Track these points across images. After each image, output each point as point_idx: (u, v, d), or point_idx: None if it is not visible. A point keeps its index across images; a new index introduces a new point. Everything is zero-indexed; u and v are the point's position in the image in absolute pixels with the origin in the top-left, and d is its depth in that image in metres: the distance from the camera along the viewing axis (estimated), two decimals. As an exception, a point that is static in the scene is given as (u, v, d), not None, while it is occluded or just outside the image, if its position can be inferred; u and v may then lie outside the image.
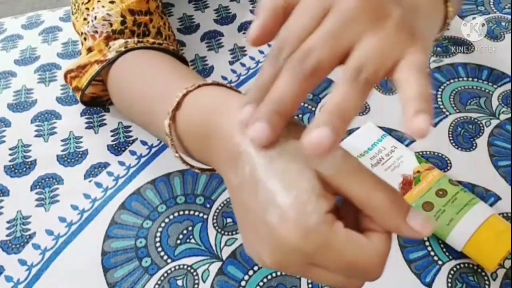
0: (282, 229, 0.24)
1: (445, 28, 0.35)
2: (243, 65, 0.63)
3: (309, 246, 0.24)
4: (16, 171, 0.53)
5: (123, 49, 0.50)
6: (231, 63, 0.63)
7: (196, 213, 0.48)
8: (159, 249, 0.46)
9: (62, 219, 0.49)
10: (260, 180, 0.26)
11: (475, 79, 0.58)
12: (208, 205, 0.49)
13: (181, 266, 0.45)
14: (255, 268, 0.44)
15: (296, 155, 0.26)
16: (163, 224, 0.48)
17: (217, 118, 0.31)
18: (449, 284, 0.42)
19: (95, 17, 0.52)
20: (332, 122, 0.23)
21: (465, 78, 0.59)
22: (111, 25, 0.51)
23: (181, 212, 0.49)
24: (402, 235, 0.26)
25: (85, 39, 0.53)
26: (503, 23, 0.65)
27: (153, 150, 0.54)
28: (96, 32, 0.52)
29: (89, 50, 0.52)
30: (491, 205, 0.47)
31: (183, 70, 0.46)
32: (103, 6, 0.52)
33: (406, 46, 0.25)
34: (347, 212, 0.27)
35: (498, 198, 0.47)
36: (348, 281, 0.26)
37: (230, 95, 0.34)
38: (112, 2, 0.52)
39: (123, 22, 0.52)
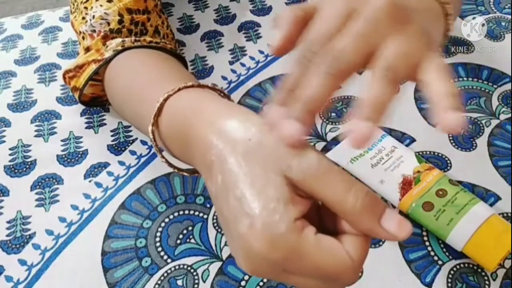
0: (251, 238, 0.25)
1: (445, 40, 0.36)
2: (243, 65, 0.63)
3: (277, 255, 0.24)
4: (16, 171, 0.53)
5: (120, 48, 0.50)
6: (231, 63, 0.63)
7: (196, 213, 0.48)
8: (159, 249, 0.46)
9: (62, 219, 0.49)
10: (230, 189, 0.26)
11: (475, 79, 0.58)
12: (208, 205, 0.49)
13: (181, 266, 0.45)
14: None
15: (265, 162, 0.26)
16: (163, 224, 0.48)
17: (193, 122, 0.31)
18: (449, 284, 0.42)
19: (93, 16, 0.52)
20: (372, 117, 0.25)
21: (465, 78, 0.59)
22: (108, 24, 0.51)
23: (181, 212, 0.49)
24: (378, 237, 0.25)
25: (83, 38, 0.53)
26: (503, 23, 0.65)
27: (153, 150, 0.54)
28: (94, 31, 0.52)
29: (87, 49, 0.52)
30: (491, 205, 0.47)
31: (174, 70, 0.46)
32: (101, 5, 0.52)
33: (426, 50, 0.27)
34: (326, 212, 0.27)
35: (498, 198, 0.47)
36: (326, 285, 0.26)
37: (208, 98, 0.33)
38: (110, 1, 0.52)
39: (120, 21, 0.52)
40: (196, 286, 0.44)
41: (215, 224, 0.48)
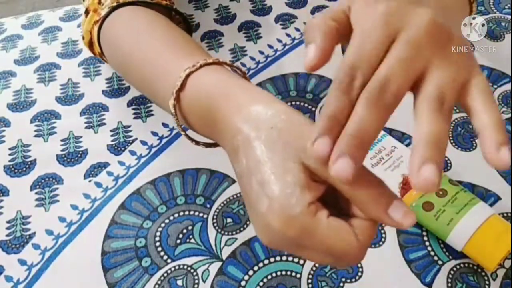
0: (269, 217, 0.27)
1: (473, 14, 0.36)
2: (243, 65, 0.63)
3: (291, 233, 0.27)
4: (16, 171, 0.53)
5: (115, 4, 0.50)
6: (231, 63, 0.63)
7: (196, 213, 0.48)
8: (159, 249, 0.46)
9: (62, 219, 0.49)
10: (253, 172, 0.29)
11: (475, 79, 0.58)
12: (208, 205, 0.49)
13: (181, 266, 0.45)
14: (255, 268, 0.44)
15: (285, 149, 0.28)
16: (163, 224, 0.48)
17: (220, 104, 0.33)
18: (449, 284, 0.42)
19: None
20: (435, 157, 0.23)
21: (465, 78, 0.59)
22: None
23: (181, 213, 0.49)
24: (385, 224, 0.27)
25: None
26: (503, 23, 0.65)
27: (153, 150, 0.54)
28: None
29: (86, 11, 0.53)
30: (491, 205, 0.47)
31: (179, 36, 0.45)
32: None
33: (470, 68, 0.26)
34: (340, 195, 0.28)
35: (498, 198, 0.47)
36: (332, 262, 0.29)
37: (233, 80, 0.35)
38: None
39: None
40: (196, 286, 0.44)
41: (215, 224, 0.48)
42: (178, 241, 0.46)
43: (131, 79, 0.49)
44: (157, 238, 0.47)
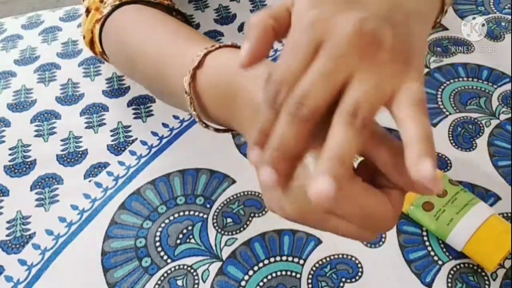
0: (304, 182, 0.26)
1: (443, 15, 0.35)
2: (243, 65, 0.63)
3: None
4: (16, 171, 0.53)
5: (117, 2, 0.50)
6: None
7: (196, 213, 0.48)
8: (159, 249, 0.46)
9: (62, 219, 0.49)
10: None
11: (475, 79, 0.58)
12: (208, 205, 0.49)
13: (181, 266, 0.45)
14: (255, 268, 0.44)
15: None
16: (163, 224, 0.48)
17: (241, 79, 0.33)
18: (449, 284, 0.42)
19: None
20: (334, 170, 0.23)
21: (465, 78, 0.59)
22: None
23: (181, 213, 0.49)
24: (414, 191, 0.27)
25: None
26: (503, 23, 0.65)
27: (153, 150, 0.54)
28: None
29: (87, 10, 0.53)
30: (491, 205, 0.47)
31: (187, 29, 0.46)
32: None
33: (401, 75, 0.25)
34: (365, 171, 0.29)
35: (498, 198, 0.47)
36: (361, 232, 0.28)
37: None
38: None
39: None
40: (196, 286, 0.44)
41: (215, 224, 0.48)
42: (178, 241, 0.46)
43: (139, 73, 0.48)
44: (157, 238, 0.47)
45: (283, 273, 0.44)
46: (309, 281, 0.43)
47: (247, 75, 0.33)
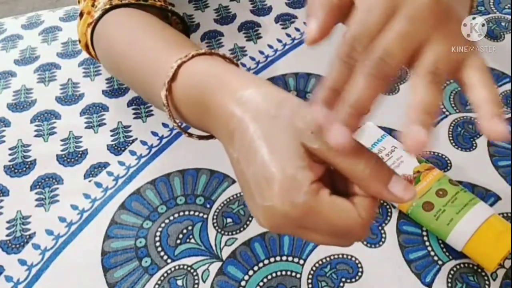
0: (273, 199, 0.27)
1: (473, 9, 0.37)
2: (243, 65, 0.63)
3: (296, 213, 0.27)
4: (16, 171, 0.53)
5: (107, 6, 0.50)
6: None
7: (196, 213, 0.48)
8: (159, 249, 0.46)
9: (62, 219, 0.49)
10: (251, 156, 0.28)
11: (475, 79, 0.58)
12: (208, 205, 0.49)
13: (181, 266, 0.45)
14: (255, 268, 0.44)
15: (285, 131, 0.28)
16: (163, 224, 0.48)
17: (212, 90, 0.33)
18: (449, 284, 0.42)
19: None
20: (425, 121, 0.25)
21: (465, 78, 0.59)
22: None
23: (181, 213, 0.49)
24: (385, 200, 0.28)
25: (78, 2, 0.54)
26: (503, 23, 0.65)
27: (153, 150, 0.54)
28: None
29: (81, 14, 0.53)
30: (491, 205, 0.47)
31: (172, 35, 0.45)
32: None
33: (468, 47, 0.27)
34: (338, 175, 0.29)
35: (498, 198, 0.47)
36: (336, 241, 0.29)
37: (224, 65, 0.35)
38: None
39: None
40: (196, 286, 0.44)
41: (215, 224, 0.48)
42: (178, 241, 0.46)
43: (124, 78, 0.49)
44: (157, 238, 0.47)
45: (283, 273, 0.44)
46: (309, 281, 0.43)
47: (218, 87, 0.33)
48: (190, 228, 0.47)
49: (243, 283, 0.43)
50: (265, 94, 0.30)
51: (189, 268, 0.45)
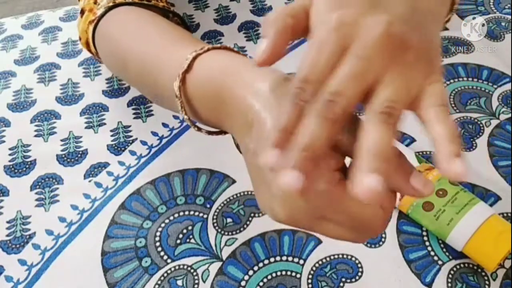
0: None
1: (452, 14, 0.35)
2: (243, 65, 0.62)
3: (318, 202, 0.26)
4: (16, 171, 0.53)
5: (111, 4, 0.50)
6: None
7: (196, 213, 0.48)
8: (159, 249, 0.46)
9: (62, 219, 0.49)
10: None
11: (475, 79, 0.58)
12: (208, 205, 0.49)
13: (181, 266, 0.45)
14: (255, 268, 0.44)
15: None
16: (163, 224, 0.48)
17: (230, 83, 0.32)
18: (449, 284, 0.42)
19: None
20: (379, 167, 0.23)
21: (465, 78, 0.59)
22: None
23: (181, 213, 0.49)
24: (406, 194, 0.27)
25: (78, 0, 0.54)
26: (503, 23, 0.65)
27: (153, 150, 0.54)
28: None
29: (82, 12, 0.53)
30: (491, 205, 0.47)
31: (179, 31, 0.45)
32: None
33: (426, 75, 0.26)
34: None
35: (498, 198, 0.47)
36: (353, 235, 0.28)
37: (241, 59, 0.34)
38: None
39: None
40: (196, 286, 0.44)
41: (215, 224, 0.48)
42: (178, 241, 0.46)
43: (131, 74, 0.48)
44: (157, 238, 0.47)
45: (283, 273, 0.44)
46: (309, 281, 0.43)
47: (236, 79, 0.32)
48: (190, 228, 0.47)
49: (243, 283, 0.43)
50: (283, 86, 0.30)
51: (189, 268, 0.45)
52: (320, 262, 0.44)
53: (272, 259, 0.45)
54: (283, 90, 0.29)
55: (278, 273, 0.44)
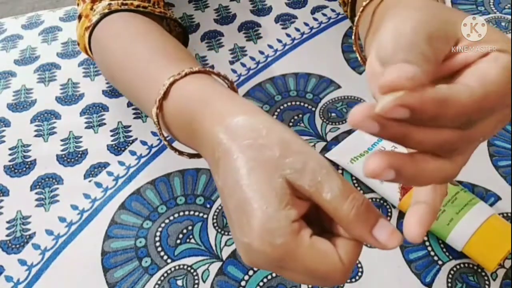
0: (250, 237, 0.26)
1: None
2: (243, 65, 0.63)
3: (274, 255, 0.26)
4: (16, 171, 0.53)
5: (106, 11, 0.50)
6: (231, 63, 0.63)
7: (196, 213, 0.48)
8: (159, 249, 0.46)
9: (62, 219, 0.49)
10: (233, 187, 0.27)
11: (475, 79, 0.58)
12: (208, 205, 0.49)
13: (181, 266, 0.45)
14: (255, 268, 0.44)
15: (268, 164, 0.27)
16: (163, 224, 0.48)
17: (200, 115, 0.32)
18: (449, 284, 0.42)
19: None
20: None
21: (465, 78, 0.58)
22: None
23: (181, 213, 0.49)
24: (369, 244, 0.27)
25: (78, 4, 0.54)
26: (503, 23, 0.65)
27: (153, 150, 0.54)
28: None
29: (79, 17, 0.53)
30: (491, 205, 0.47)
31: (169, 45, 0.45)
32: None
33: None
34: (325, 213, 0.27)
35: (498, 198, 0.47)
36: (315, 282, 0.28)
37: (216, 90, 0.34)
38: None
39: None
40: (196, 286, 0.44)
41: (215, 224, 0.48)
42: (178, 241, 0.46)
43: (119, 88, 0.48)
44: (157, 238, 0.47)
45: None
46: (309, 281, 0.43)
47: (206, 112, 0.32)
48: (190, 228, 0.47)
49: (243, 283, 0.43)
50: (254, 123, 0.29)
51: (189, 268, 0.45)
52: (320, 262, 0.44)
53: (272, 259, 0.45)
54: (254, 127, 0.29)
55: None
